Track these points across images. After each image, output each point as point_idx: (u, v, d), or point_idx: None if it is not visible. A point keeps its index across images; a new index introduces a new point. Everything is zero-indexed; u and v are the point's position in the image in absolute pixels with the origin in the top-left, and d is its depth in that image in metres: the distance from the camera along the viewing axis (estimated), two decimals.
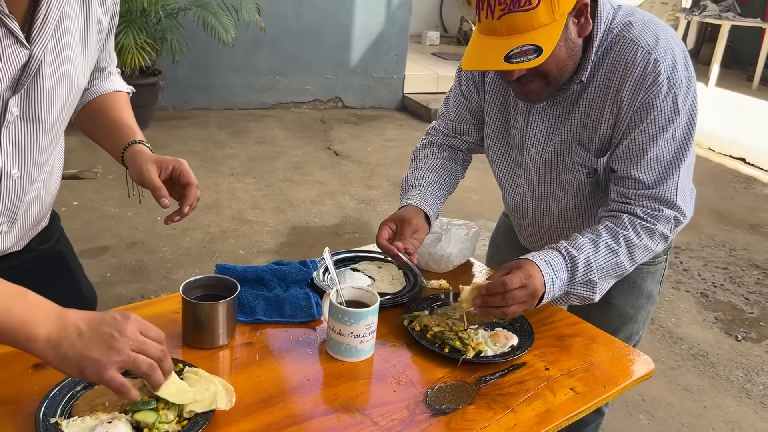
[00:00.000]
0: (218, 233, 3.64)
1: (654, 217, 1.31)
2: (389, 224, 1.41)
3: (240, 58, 5.78)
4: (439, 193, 1.51)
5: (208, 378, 1.04)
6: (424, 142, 1.65)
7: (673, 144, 1.30)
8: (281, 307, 1.29)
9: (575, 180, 1.42)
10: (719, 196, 5.07)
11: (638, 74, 1.26)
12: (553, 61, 1.23)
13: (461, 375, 1.18)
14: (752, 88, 8.65)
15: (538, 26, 1.16)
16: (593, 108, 1.34)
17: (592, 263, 1.27)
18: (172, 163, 1.22)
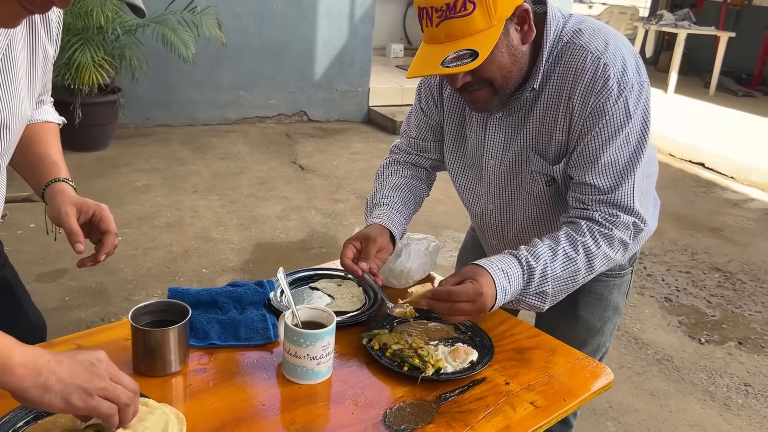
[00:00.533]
0: (181, 252, 3.57)
1: (612, 222, 1.31)
2: (354, 243, 1.39)
3: (202, 73, 5.72)
4: (404, 211, 1.50)
5: (158, 407, 1.00)
6: (388, 161, 1.65)
7: (627, 148, 1.30)
8: (236, 330, 1.26)
9: (535, 189, 1.42)
10: (680, 201, 5.17)
11: (588, 79, 1.27)
12: (495, 67, 1.24)
13: (421, 393, 1.16)
14: (709, 94, 8.88)
15: (475, 32, 1.17)
16: (547, 116, 1.34)
17: (548, 274, 1.27)
18: (93, 208, 1.21)
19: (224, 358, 1.21)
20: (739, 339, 3.22)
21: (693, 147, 6.29)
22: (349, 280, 1.51)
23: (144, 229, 3.79)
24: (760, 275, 3.97)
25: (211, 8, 5.13)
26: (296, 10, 6.04)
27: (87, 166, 4.60)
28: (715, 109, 8.03)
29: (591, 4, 16.75)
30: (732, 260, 4.15)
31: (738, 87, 9.30)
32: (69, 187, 1.24)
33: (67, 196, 1.21)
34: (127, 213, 3.98)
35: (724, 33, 8.78)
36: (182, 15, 4.99)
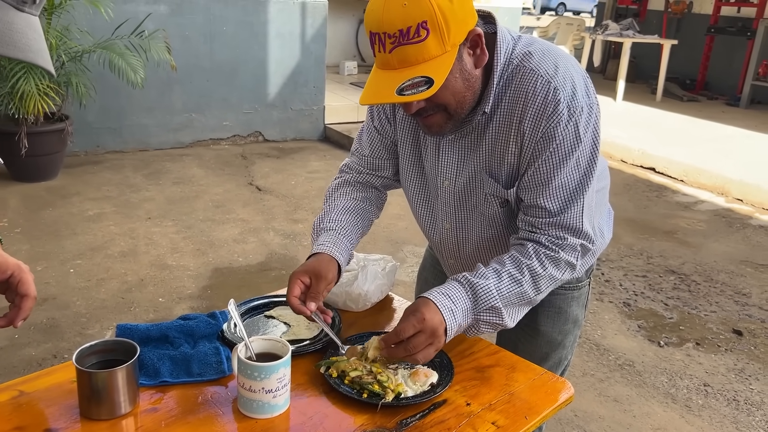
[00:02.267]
0: (136, 282, 3.48)
1: (558, 245, 1.31)
2: (302, 278, 1.33)
3: (153, 97, 5.63)
4: (352, 236, 1.46)
5: None
6: (337, 182, 1.61)
7: (577, 172, 1.30)
8: (189, 366, 1.22)
9: (489, 210, 1.41)
10: (634, 206, 5.28)
11: (539, 103, 1.26)
12: (450, 93, 1.23)
13: (381, 420, 1.14)
14: (656, 100, 9.15)
15: (429, 58, 1.15)
16: (499, 139, 1.34)
17: (493, 290, 1.26)
18: (13, 268, 1.16)
19: (177, 395, 1.17)
20: (696, 340, 3.29)
21: (644, 152, 6.45)
22: None
23: (97, 260, 3.68)
24: (713, 275, 4.07)
25: (159, 31, 5.06)
26: (247, 31, 6.00)
27: (35, 197, 4.46)
28: (662, 114, 8.28)
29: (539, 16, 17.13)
30: (686, 262, 4.25)
31: (683, 92, 9.61)
32: None
33: None
34: (79, 243, 3.86)
35: (666, 41, 9.07)
36: (129, 39, 4.91)
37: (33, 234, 3.87)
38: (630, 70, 9.48)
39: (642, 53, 10.26)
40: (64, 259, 3.65)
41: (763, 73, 8.85)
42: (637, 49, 9.54)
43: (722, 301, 3.73)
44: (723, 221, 5.11)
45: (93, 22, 4.92)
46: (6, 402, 1.12)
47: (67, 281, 3.42)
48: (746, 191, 5.55)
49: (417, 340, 1.18)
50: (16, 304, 1.16)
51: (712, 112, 8.64)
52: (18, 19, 0.82)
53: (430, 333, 1.19)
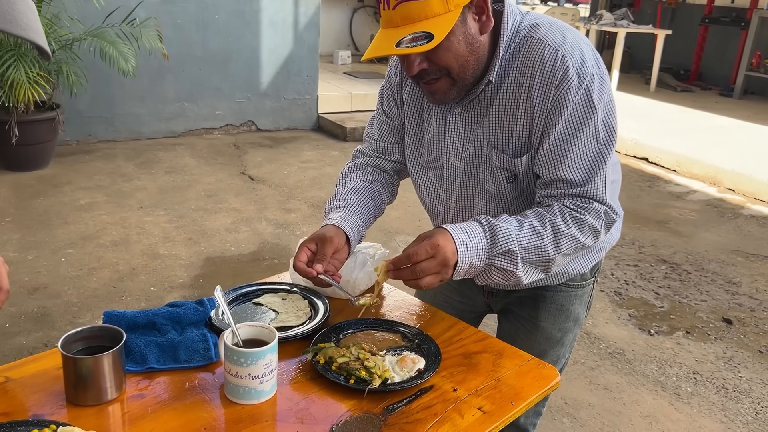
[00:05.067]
0: (127, 271, 3.47)
1: (584, 208, 1.29)
2: (308, 245, 1.34)
3: (145, 86, 5.60)
4: (362, 214, 1.46)
5: None
6: (349, 166, 1.62)
7: (595, 141, 1.28)
8: (176, 352, 1.22)
9: (496, 185, 1.40)
10: (626, 196, 5.29)
11: (547, 71, 1.25)
12: (452, 55, 1.23)
13: (368, 406, 1.14)
14: (650, 90, 9.15)
15: (432, 15, 1.16)
16: (507, 110, 1.32)
17: (512, 235, 1.25)
18: None
19: (164, 382, 1.17)
20: (686, 328, 3.31)
21: (637, 142, 6.46)
22: (295, 293, 1.49)
23: (88, 249, 3.67)
24: (704, 265, 4.09)
25: (150, 20, 5.03)
26: (239, 19, 5.97)
27: (26, 186, 4.44)
28: (656, 104, 8.28)
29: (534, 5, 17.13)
30: (677, 252, 4.26)
31: (677, 83, 9.61)
32: None
33: None
34: (71, 233, 3.85)
35: (661, 31, 9.07)
36: (120, 27, 4.88)
37: (24, 223, 3.85)
38: (624, 60, 9.48)
39: (636, 43, 10.26)
40: (56, 249, 3.64)
41: (756, 63, 8.86)
42: (632, 39, 9.54)
43: (713, 290, 3.75)
44: (715, 211, 5.13)
45: (83, 10, 4.88)
46: None
47: (58, 270, 3.41)
48: (738, 181, 5.57)
49: (426, 265, 1.19)
50: None
51: (706, 102, 8.64)
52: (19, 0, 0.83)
53: (440, 261, 1.19)
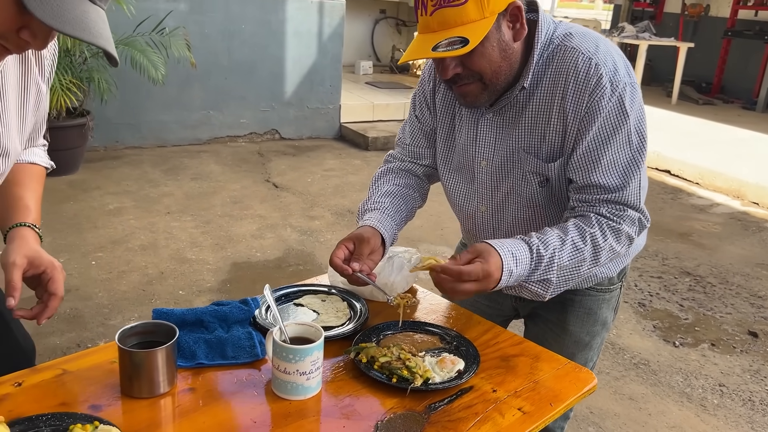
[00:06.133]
0: (156, 274, 3.53)
1: (620, 217, 1.33)
2: (346, 243, 1.38)
3: (172, 94, 5.70)
4: (396, 218, 1.50)
5: None
6: (381, 170, 1.65)
7: (628, 148, 1.31)
8: (223, 349, 1.26)
9: (528, 190, 1.43)
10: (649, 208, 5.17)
11: (581, 79, 1.29)
12: (486, 61, 1.27)
13: (410, 404, 1.17)
14: (671, 103, 9.12)
15: (468, 21, 1.20)
16: (540, 116, 1.36)
17: (554, 262, 1.29)
18: (46, 265, 1.17)
19: (212, 377, 1.21)
20: (711, 341, 3.30)
21: (659, 155, 6.44)
22: (333, 294, 1.52)
23: (118, 253, 3.74)
24: (729, 278, 4.07)
25: (179, 29, 5.13)
26: (265, 29, 6.06)
27: (57, 191, 4.53)
28: (678, 117, 8.25)
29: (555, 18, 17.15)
30: (701, 264, 4.25)
31: (699, 95, 9.57)
32: (32, 233, 1.21)
33: (24, 244, 1.17)
34: (100, 236, 3.92)
35: (683, 44, 9.05)
36: (150, 36, 4.98)
37: (55, 227, 3.93)
38: (646, 73, 9.46)
39: (658, 56, 10.24)
40: (86, 252, 3.71)
41: None
42: (653, 51, 9.53)
43: (738, 303, 3.73)
44: (738, 224, 5.10)
45: (115, 19, 4.98)
46: (51, 379, 1.16)
47: (89, 273, 3.48)
48: (762, 195, 5.54)
49: (470, 287, 1.23)
50: (43, 301, 1.18)
51: (728, 115, 8.60)
52: (91, 10, 0.88)
53: (483, 286, 1.24)
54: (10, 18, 0.85)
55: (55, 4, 0.84)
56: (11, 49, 0.91)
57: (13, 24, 0.87)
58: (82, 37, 0.87)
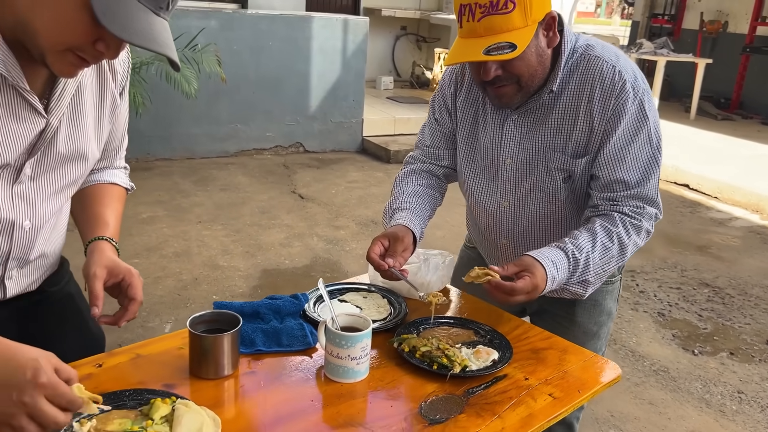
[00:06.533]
0: (190, 280, 3.68)
1: (640, 214, 1.49)
2: (381, 240, 1.50)
3: (201, 108, 5.88)
4: (422, 216, 1.63)
5: (196, 410, 1.10)
6: (404, 171, 1.77)
7: (649, 146, 1.47)
8: (279, 338, 1.38)
9: (551, 185, 1.55)
10: (668, 221, 5.35)
11: (607, 84, 1.44)
12: (525, 65, 1.40)
13: (450, 388, 1.28)
14: (690, 118, 9.17)
15: (513, 28, 1.33)
16: (567, 117, 1.50)
17: (589, 264, 1.43)
18: (124, 273, 1.26)
19: (270, 362, 1.33)
20: (730, 350, 3.37)
21: (677, 169, 6.51)
22: (374, 292, 1.65)
23: (153, 259, 3.90)
24: (747, 289, 4.13)
25: (210, 45, 5.32)
26: (291, 46, 6.25)
27: None
28: (696, 132, 8.31)
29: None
30: (720, 276, 4.31)
31: (717, 111, 9.61)
32: (109, 246, 1.30)
33: (102, 256, 1.26)
34: (135, 244, 4.09)
35: (701, 60, 9.12)
36: (183, 52, 5.17)
37: None
38: (665, 88, 9.53)
39: (677, 71, 10.29)
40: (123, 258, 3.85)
41: None
42: (672, 67, 9.59)
43: (756, 314, 3.79)
44: (758, 238, 5.15)
45: None
46: (127, 362, 1.30)
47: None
48: None
49: (519, 298, 1.36)
50: (124, 306, 1.28)
51: (747, 131, 8.64)
52: (156, 21, 0.99)
53: (531, 296, 1.37)
54: (86, 32, 0.97)
55: (124, 18, 0.94)
56: (88, 60, 1.02)
57: (89, 37, 0.98)
58: (148, 46, 0.98)
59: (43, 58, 0.99)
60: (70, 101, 1.15)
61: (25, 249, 1.21)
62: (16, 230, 1.16)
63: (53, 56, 0.98)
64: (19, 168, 1.12)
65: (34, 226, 1.20)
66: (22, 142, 1.09)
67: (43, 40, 0.96)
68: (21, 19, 0.96)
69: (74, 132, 1.18)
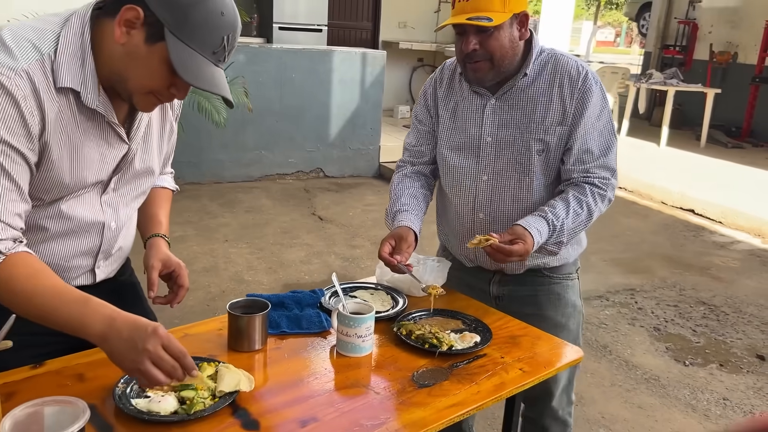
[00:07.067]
0: (218, 292, 4.01)
1: (606, 185, 1.83)
2: (389, 241, 1.83)
3: (229, 136, 6.28)
4: (419, 215, 1.95)
5: (235, 371, 1.40)
6: (398, 176, 2.08)
7: (610, 123, 1.86)
8: (299, 322, 1.69)
9: (527, 156, 1.85)
10: (671, 244, 5.58)
11: (574, 74, 1.82)
12: (498, 45, 1.74)
13: (438, 363, 1.57)
14: (700, 146, 9.39)
15: (493, 10, 1.69)
16: (541, 99, 1.83)
17: (564, 228, 1.77)
18: (175, 266, 1.62)
19: (292, 341, 1.64)
20: (720, 362, 3.59)
21: (683, 195, 6.74)
22: (379, 290, 1.95)
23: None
24: (743, 308, 4.35)
25: (238, 78, 5.72)
26: (313, 78, 6.65)
27: None
28: (706, 160, 8.53)
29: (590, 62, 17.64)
30: (717, 295, 4.53)
31: (728, 139, 9.82)
32: (163, 241, 1.65)
33: (159, 250, 1.62)
34: None
35: (710, 89, 9.36)
36: None
37: None
38: (676, 117, 9.78)
39: (688, 101, 10.54)
40: None
41: None
42: (684, 96, 9.85)
43: (749, 330, 4.01)
44: (757, 260, 5.36)
45: None
46: (179, 338, 1.59)
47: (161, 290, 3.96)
48: None
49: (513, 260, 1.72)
50: (174, 291, 1.64)
51: (756, 158, 8.83)
52: (216, 71, 1.31)
53: (522, 258, 1.72)
54: (164, 80, 1.30)
55: (195, 69, 1.27)
56: (163, 100, 1.35)
57: (166, 83, 1.31)
58: (211, 90, 1.31)
59: (130, 99, 1.33)
60: (144, 130, 1.49)
61: (110, 244, 1.54)
62: (105, 230, 1.49)
63: (138, 97, 1.32)
64: (106, 183, 1.45)
65: (118, 226, 1.53)
66: (112, 164, 1.43)
67: (132, 86, 1.30)
68: (117, 71, 1.29)
69: (145, 153, 1.51)
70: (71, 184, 1.38)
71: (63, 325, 1.23)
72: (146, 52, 1.26)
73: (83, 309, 1.22)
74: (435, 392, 1.45)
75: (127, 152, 1.45)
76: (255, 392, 1.39)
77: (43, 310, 1.23)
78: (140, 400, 1.31)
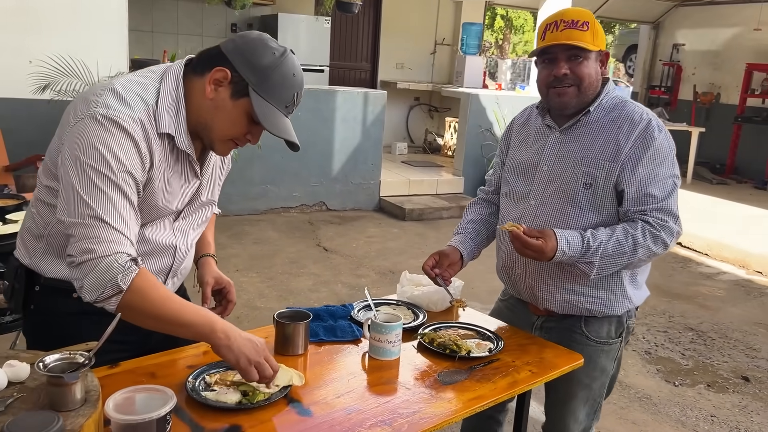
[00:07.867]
0: (232, 318, 4.19)
1: (662, 226, 1.83)
2: (434, 256, 2.07)
3: (236, 171, 6.52)
4: (476, 239, 2.15)
5: (287, 369, 1.63)
6: (471, 202, 2.30)
7: (673, 169, 1.87)
8: (334, 332, 1.92)
9: (573, 188, 1.90)
10: (660, 274, 5.84)
11: (637, 119, 1.87)
12: (587, 71, 1.85)
13: (458, 366, 1.81)
14: (687, 183, 9.74)
15: (584, 42, 1.82)
16: (599, 135, 1.89)
17: (599, 251, 1.81)
18: (226, 283, 1.89)
19: (329, 347, 1.87)
20: (707, 383, 3.82)
21: None
22: (401, 305, 2.18)
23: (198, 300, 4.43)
24: (729, 333, 4.59)
25: None
26: (317, 117, 6.96)
27: None
28: (691, 195, 8.86)
29: None
30: (704, 322, 4.78)
31: (712, 176, 10.20)
32: (213, 261, 1.92)
33: (211, 268, 1.88)
34: None
35: (694, 128, 9.78)
36: None
37: None
38: None
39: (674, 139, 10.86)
40: None
41: None
42: None
43: (734, 354, 4.25)
44: (742, 290, 5.63)
45: None
46: None
47: None
48: (766, 264, 6.07)
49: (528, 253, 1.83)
50: (223, 306, 1.91)
51: (740, 194, 9.19)
52: (286, 120, 1.58)
53: (538, 257, 1.83)
54: (244, 129, 1.56)
55: (273, 120, 1.53)
56: (240, 145, 1.61)
57: (244, 131, 1.57)
58: (283, 136, 1.56)
59: (211, 144, 1.58)
60: (213, 165, 1.74)
61: (179, 264, 1.77)
62: (176, 252, 1.73)
63: (219, 143, 1.58)
64: (179, 212, 1.70)
65: (186, 248, 1.76)
66: (188, 196, 1.67)
67: (215, 134, 1.56)
68: (203, 121, 1.55)
69: (210, 187, 1.76)
70: (159, 213, 1.62)
71: (191, 324, 1.46)
72: (231, 106, 1.52)
73: (206, 311, 1.51)
74: (458, 388, 1.68)
75: (199, 186, 1.69)
76: (304, 387, 1.61)
77: (176, 313, 1.46)
78: (209, 393, 1.54)
